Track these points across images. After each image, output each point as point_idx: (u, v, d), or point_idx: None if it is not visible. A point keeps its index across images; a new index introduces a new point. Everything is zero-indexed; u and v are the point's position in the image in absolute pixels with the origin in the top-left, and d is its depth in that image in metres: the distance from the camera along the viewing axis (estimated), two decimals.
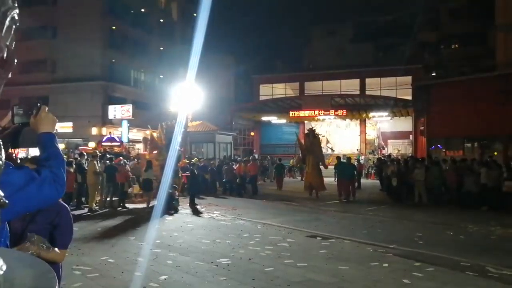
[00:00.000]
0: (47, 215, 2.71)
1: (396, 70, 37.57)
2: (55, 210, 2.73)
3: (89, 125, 33.09)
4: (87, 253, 8.30)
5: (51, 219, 2.72)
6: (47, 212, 2.69)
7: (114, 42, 34.48)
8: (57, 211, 2.74)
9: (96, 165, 15.12)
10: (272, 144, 41.66)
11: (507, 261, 7.87)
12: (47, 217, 2.72)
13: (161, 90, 35.23)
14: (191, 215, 14.05)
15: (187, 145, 26.63)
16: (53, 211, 2.72)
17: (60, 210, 2.75)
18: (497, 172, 15.45)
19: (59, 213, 2.74)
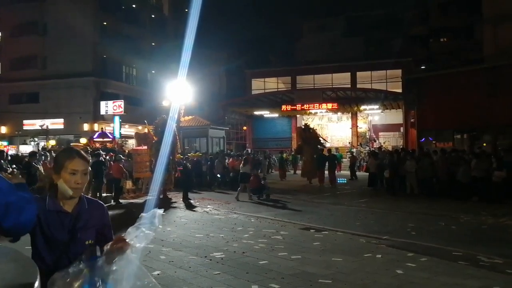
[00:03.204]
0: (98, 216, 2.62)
1: (386, 63, 37.77)
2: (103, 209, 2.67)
3: (81, 121, 32.95)
4: None
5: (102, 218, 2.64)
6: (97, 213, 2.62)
7: (105, 38, 34.27)
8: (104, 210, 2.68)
9: None
10: (264, 138, 41.73)
11: (498, 250, 7.97)
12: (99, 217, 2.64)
13: (153, 86, 35.19)
14: (184, 210, 14.05)
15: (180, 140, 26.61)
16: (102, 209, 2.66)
17: (104, 209, 2.69)
18: (487, 163, 15.59)
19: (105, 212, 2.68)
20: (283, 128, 42.60)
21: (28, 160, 13.30)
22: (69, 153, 2.52)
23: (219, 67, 45.07)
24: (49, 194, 2.47)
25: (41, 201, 2.43)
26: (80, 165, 2.46)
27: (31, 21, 34.45)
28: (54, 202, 2.45)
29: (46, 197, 2.46)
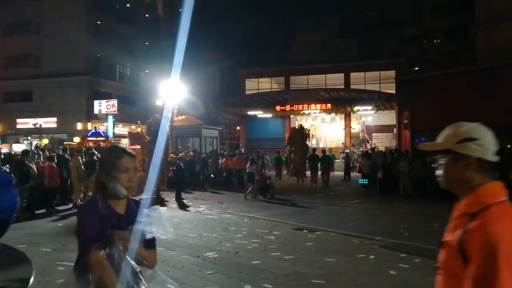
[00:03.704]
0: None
1: (380, 64, 37.91)
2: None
3: (74, 120, 32.81)
4: (72, 248, 8.16)
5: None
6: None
7: (99, 37, 34.12)
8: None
9: (80, 161, 14.96)
10: (258, 138, 41.71)
11: None
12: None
13: (147, 85, 35.06)
14: (177, 209, 14.02)
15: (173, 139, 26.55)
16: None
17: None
18: None
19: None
20: (276, 129, 42.61)
21: (21, 159, 13.20)
22: (117, 151, 2.46)
23: (213, 67, 45.01)
24: (98, 198, 2.38)
25: (92, 206, 2.36)
26: (130, 162, 2.40)
27: (24, 20, 34.27)
28: (107, 206, 2.37)
29: (95, 201, 2.37)
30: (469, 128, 1.80)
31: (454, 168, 1.78)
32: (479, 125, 1.83)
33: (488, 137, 1.78)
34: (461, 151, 1.76)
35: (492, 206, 1.65)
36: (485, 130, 1.80)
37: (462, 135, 1.78)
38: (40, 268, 6.69)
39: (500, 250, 1.53)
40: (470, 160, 1.74)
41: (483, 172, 1.75)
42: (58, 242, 8.87)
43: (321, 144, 40.35)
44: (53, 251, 8.16)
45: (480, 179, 1.74)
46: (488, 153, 1.75)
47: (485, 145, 1.75)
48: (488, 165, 1.75)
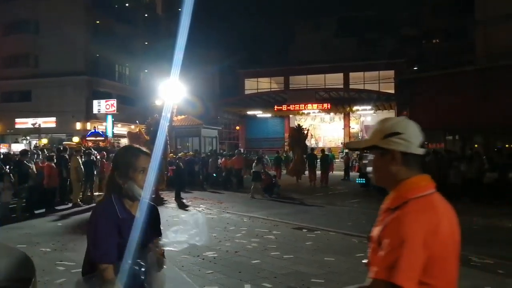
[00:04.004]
0: (157, 216, 2.51)
1: (379, 64, 37.92)
2: (156, 208, 2.53)
3: (73, 120, 32.78)
4: (71, 248, 8.22)
5: (158, 218, 2.53)
6: (156, 213, 2.49)
7: (98, 37, 34.11)
8: (157, 209, 2.55)
9: (79, 161, 14.96)
10: (257, 138, 41.73)
11: (489, 250, 8.03)
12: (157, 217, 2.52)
13: (146, 85, 35.06)
14: (177, 209, 14.03)
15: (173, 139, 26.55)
16: (156, 209, 2.52)
17: (157, 208, 2.55)
18: (479, 164, 15.70)
19: (158, 211, 2.55)
20: (275, 128, 42.63)
21: (20, 159, 13.20)
22: (133, 151, 2.38)
23: (212, 67, 45.01)
24: (114, 200, 2.28)
25: (109, 208, 2.25)
26: (147, 162, 2.33)
27: (23, 19, 34.23)
28: (124, 208, 2.28)
29: (111, 203, 2.27)
30: (393, 123, 1.81)
31: (381, 164, 1.80)
32: (403, 119, 1.84)
33: (412, 130, 1.79)
34: (386, 146, 1.77)
35: (411, 201, 1.68)
36: (410, 124, 1.81)
37: (387, 130, 1.79)
38: (39, 268, 6.69)
39: (406, 245, 1.57)
40: (395, 155, 1.75)
41: (408, 166, 1.76)
42: (57, 242, 8.88)
43: (320, 143, 40.41)
44: (52, 251, 8.17)
45: (406, 173, 1.76)
46: (412, 146, 1.76)
47: (409, 139, 1.76)
48: (414, 158, 1.77)
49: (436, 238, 1.62)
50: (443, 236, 1.64)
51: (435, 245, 1.61)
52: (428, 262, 1.60)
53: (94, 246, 2.19)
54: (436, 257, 1.62)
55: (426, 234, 1.60)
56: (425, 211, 1.65)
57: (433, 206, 1.69)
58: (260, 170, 17.67)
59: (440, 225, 1.64)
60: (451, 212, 1.79)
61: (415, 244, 1.58)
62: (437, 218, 1.65)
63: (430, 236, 1.60)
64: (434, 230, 1.62)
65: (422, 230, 1.60)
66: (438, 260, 1.63)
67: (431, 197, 1.72)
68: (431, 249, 1.60)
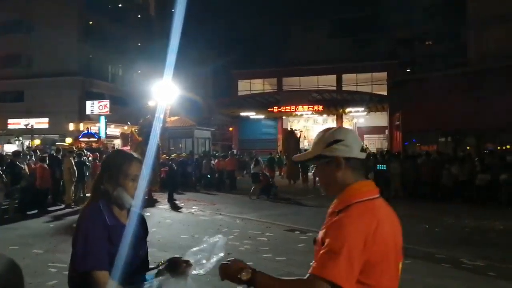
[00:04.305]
0: (144, 225, 2.42)
1: (372, 66, 38.08)
2: (144, 218, 2.43)
3: (66, 120, 32.66)
4: (63, 249, 8.16)
5: (146, 227, 2.44)
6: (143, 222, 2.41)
7: (91, 37, 34.03)
8: (145, 218, 2.45)
9: (72, 161, 14.92)
10: (250, 139, 41.68)
11: (480, 252, 8.11)
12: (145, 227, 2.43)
13: (139, 86, 34.96)
14: (169, 211, 14.02)
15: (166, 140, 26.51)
16: (144, 218, 2.42)
17: (144, 217, 2.46)
18: (471, 166, 15.81)
19: (145, 221, 2.46)
20: (269, 130, 42.60)
21: (12, 160, 13.15)
22: (125, 156, 2.25)
23: (206, 68, 45.02)
24: (103, 206, 2.15)
25: (97, 214, 2.11)
26: (139, 169, 2.20)
27: (16, 19, 34.08)
28: (113, 215, 2.15)
29: (99, 210, 2.13)
30: (333, 131, 1.90)
31: (327, 172, 1.87)
32: (341, 127, 1.97)
33: (352, 136, 1.88)
34: (329, 153, 1.85)
35: (353, 205, 1.76)
36: (349, 131, 1.92)
37: (329, 139, 1.87)
38: (31, 270, 6.68)
39: (345, 244, 1.64)
40: (339, 160, 1.83)
41: (353, 170, 1.85)
42: (50, 243, 8.85)
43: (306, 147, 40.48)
44: (44, 252, 8.14)
45: (351, 177, 1.84)
46: (354, 151, 1.85)
47: (350, 144, 1.84)
48: (357, 162, 1.85)
49: (376, 241, 1.68)
50: (383, 239, 1.71)
51: (374, 247, 1.68)
52: (367, 263, 1.67)
53: (84, 253, 2.03)
54: (375, 259, 1.68)
55: (365, 236, 1.67)
56: (366, 214, 1.73)
57: (374, 210, 1.76)
58: (258, 171, 17.92)
59: (380, 229, 1.71)
60: (393, 217, 1.88)
61: (354, 244, 1.65)
62: (377, 222, 1.71)
63: (369, 238, 1.67)
64: (374, 233, 1.68)
65: (361, 232, 1.67)
66: (378, 261, 1.69)
67: (373, 202, 1.81)
68: (370, 251, 1.67)
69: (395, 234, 1.83)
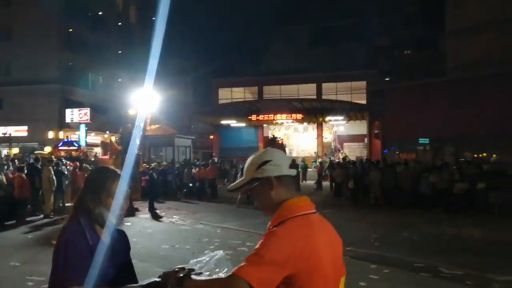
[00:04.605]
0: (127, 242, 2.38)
1: (351, 75, 38.52)
2: (126, 235, 2.37)
3: (46, 128, 32.21)
4: (42, 261, 8.05)
5: (128, 245, 2.38)
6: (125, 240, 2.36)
7: (71, 45, 33.71)
8: (127, 236, 2.40)
9: (51, 171, 14.74)
10: (231, 147, 41.68)
11: (458, 260, 8.23)
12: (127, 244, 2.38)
13: (120, 94, 34.67)
14: (150, 220, 13.93)
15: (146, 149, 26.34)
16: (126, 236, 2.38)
17: (126, 235, 2.37)
18: (449, 175, 16.06)
19: (128, 238, 2.40)
20: (249, 138, 42.67)
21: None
22: (108, 173, 2.19)
23: (186, 76, 44.95)
24: (84, 223, 2.09)
25: (78, 232, 2.05)
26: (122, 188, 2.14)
27: None
28: (94, 233, 2.10)
29: (80, 227, 2.07)
30: (261, 154, 1.97)
31: (262, 193, 1.93)
32: (268, 149, 2.01)
33: (279, 155, 1.96)
34: (261, 175, 1.92)
35: (288, 220, 1.81)
36: (275, 151, 1.99)
37: (258, 162, 1.94)
38: (8, 283, 6.58)
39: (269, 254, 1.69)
40: (271, 180, 1.90)
41: (285, 187, 1.92)
42: (27, 255, 8.72)
43: (294, 153, 40.64)
44: (22, 264, 8.02)
45: (285, 194, 1.90)
46: (283, 169, 1.92)
47: (279, 163, 1.92)
48: (288, 179, 1.93)
49: (307, 255, 1.72)
50: (315, 253, 1.74)
51: (305, 261, 1.71)
52: (296, 276, 1.71)
53: (63, 270, 1.98)
54: (306, 273, 1.72)
55: (294, 249, 1.71)
56: (298, 228, 1.78)
57: (308, 224, 1.81)
58: None
59: (313, 243, 1.75)
60: (331, 233, 1.93)
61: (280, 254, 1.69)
62: (310, 236, 1.76)
63: (299, 251, 1.71)
64: (304, 247, 1.72)
65: (291, 244, 1.72)
66: (308, 275, 1.72)
67: (308, 217, 1.85)
68: (300, 264, 1.70)
69: (333, 250, 1.87)
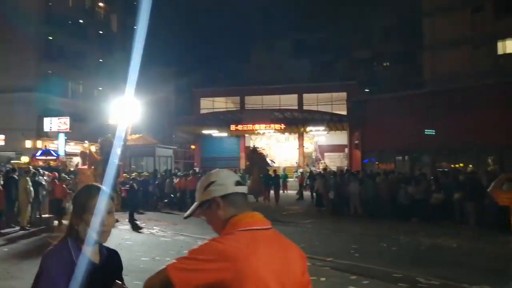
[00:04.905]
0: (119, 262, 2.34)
1: (332, 86, 38.92)
2: (118, 254, 2.33)
3: (23, 137, 31.65)
4: (17, 275, 7.95)
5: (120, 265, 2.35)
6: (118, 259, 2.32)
7: (50, 53, 33.35)
8: (119, 255, 2.36)
9: (29, 181, 14.50)
10: (213, 157, 41.60)
11: (435, 271, 8.37)
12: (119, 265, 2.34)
13: (100, 103, 34.40)
14: (130, 231, 13.81)
15: (127, 159, 26.15)
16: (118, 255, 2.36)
17: (119, 254, 2.36)
18: (426, 185, 16.33)
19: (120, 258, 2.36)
20: (231, 148, 42.72)
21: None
22: (90, 190, 2.18)
23: (167, 86, 44.85)
24: (71, 243, 2.09)
25: (63, 252, 2.05)
26: (103, 204, 2.13)
27: None
28: (81, 253, 2.08)
29: (67, 247, 2.08)
30: (206, 176, 2.03)
31: (211, 214, 1.96)
32: (214, 170, 2.06)
33: (223, 174, 2.00)
34: (207, 197, 1.95)
35: (230, 233, 1.84)
36: (219, 171, 2.03)
37: (203, 184, 1.99)
38: None
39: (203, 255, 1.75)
40: (217, 200, 1.93)
41: (233, 205, 1.94)
42: (3, 269, 8.56)
43: (276, 163, 40.79)
44: None
45: (232, 212, 1.93)
46: (228, 187, 1.95)
47: (223, 183, 1.95)
48: (235, 197, 1.94)
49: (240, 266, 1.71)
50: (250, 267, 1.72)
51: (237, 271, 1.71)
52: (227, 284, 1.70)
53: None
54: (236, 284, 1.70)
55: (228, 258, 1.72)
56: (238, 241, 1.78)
57: (251, 239, 1.81)
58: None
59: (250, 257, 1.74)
60: (283, 250, 1.92)
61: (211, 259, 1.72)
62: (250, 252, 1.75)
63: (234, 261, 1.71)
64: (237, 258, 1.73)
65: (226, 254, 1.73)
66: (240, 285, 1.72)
67: (254, 232, 1.86)
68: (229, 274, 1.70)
69: (282, 269, 1.84)
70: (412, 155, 25.54)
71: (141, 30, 16.97)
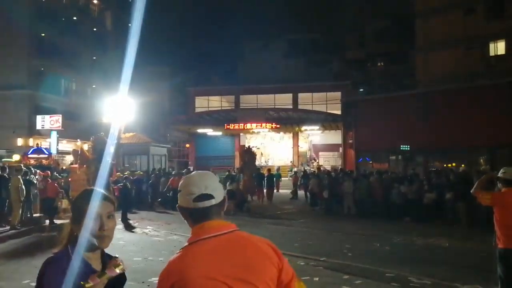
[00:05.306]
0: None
1: (326, 86, 38.99)
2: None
3: (14, 135, 31.39)
4: (8, 276, 7.89)
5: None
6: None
7: (43, 50, 33.06)
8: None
9: (21, 180, 14.35)
10: (207, 156, 41.59)
11: (427, 270, 8.39)
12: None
13: (94, 101, 34.24)
14: (123, 231, 13.74)
15: (120, 157, 26.07)
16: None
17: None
18: (418, 185, 16.39)
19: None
20: (226, 147, 42.70)
21: None
22: (88, 195, 2.12)
23: (162, 84, 44.71)
24: (71, 250, 2.02)
25: (63, 260, 1.98)
26: (103, 207, 2.07)
27: None
28: (82, 260, 2.02)
29: (67, 254, 2.01)
30: (182, 179, 2.03)
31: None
32: (190, 175, 2.03)
33: (186, 183, 1.96)
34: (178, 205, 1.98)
35: (185, 247, 1.88)
36: (187, 178, 2.00)
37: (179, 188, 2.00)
38: None
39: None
40: (180, 210, 1.97)
41: (191, 218, 1.94)
42: None
43: (270, 162, 40.83)
44: None
45: (191, 224, 1.94)
46: (180, 199, 1.95)
47: (181, 194, 1.95)
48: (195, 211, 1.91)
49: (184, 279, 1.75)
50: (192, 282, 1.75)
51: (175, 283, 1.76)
52: None
53: None
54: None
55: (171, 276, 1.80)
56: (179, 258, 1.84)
57: (191, 252, 1.84)
58: (234, 188, 18.99)
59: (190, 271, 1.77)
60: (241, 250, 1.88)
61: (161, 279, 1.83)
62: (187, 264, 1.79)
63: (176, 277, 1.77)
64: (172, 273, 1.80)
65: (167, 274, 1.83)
66: None
67: (205, 242, 1.86)
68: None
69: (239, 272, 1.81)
70: (406, 155, 25.63)
71: (135, 27, 16.85)
